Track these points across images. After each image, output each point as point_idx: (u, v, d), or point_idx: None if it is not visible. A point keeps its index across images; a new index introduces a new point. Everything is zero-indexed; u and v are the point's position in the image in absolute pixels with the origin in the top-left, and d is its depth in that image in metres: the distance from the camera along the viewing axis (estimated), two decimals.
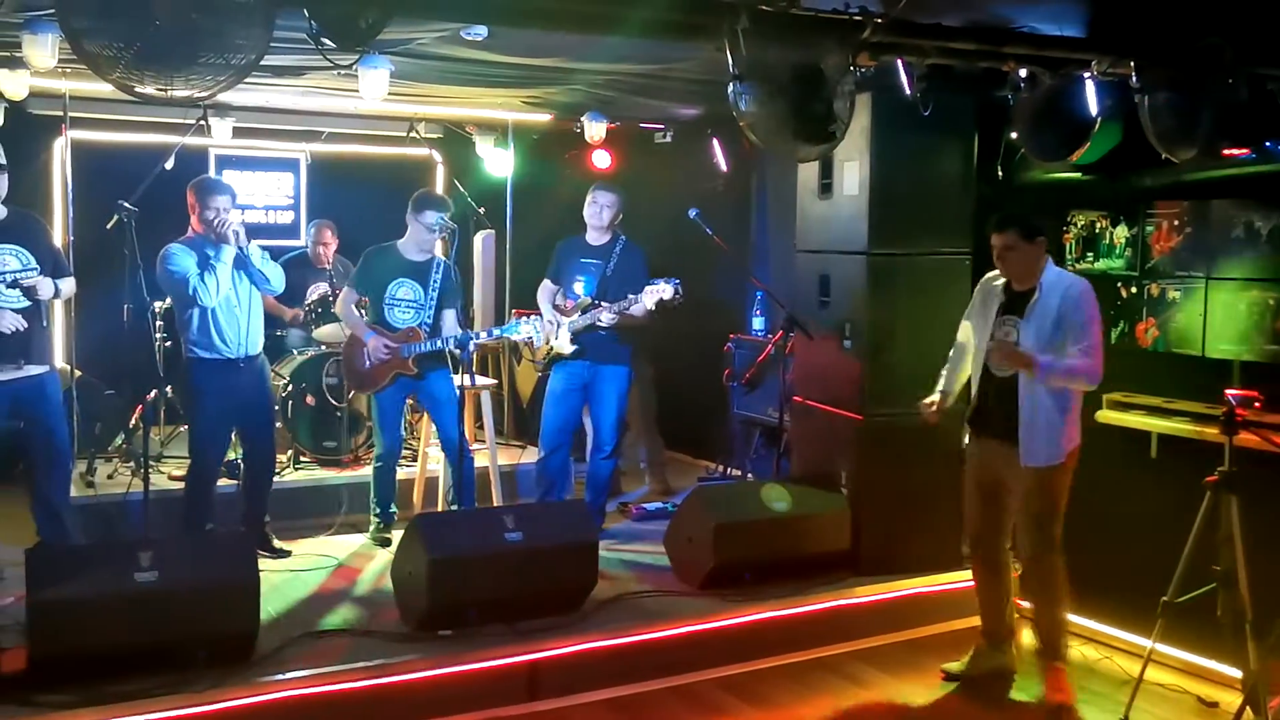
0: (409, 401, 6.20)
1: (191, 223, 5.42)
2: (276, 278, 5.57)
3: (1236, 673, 4.43)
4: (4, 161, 4.89)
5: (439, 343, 5.74)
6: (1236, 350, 4.82)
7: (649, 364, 7.36)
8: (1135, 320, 5.32)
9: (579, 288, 6.08)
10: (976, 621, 5.05)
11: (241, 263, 5.40)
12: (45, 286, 4.99)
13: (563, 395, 6.10)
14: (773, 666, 4.92)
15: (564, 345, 5.99)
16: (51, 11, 4.23)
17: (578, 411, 6.17)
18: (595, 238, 6.10)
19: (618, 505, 6.82)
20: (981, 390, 4.71)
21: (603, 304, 5.87)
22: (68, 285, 5.23)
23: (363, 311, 5.93)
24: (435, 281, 5.84)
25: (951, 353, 4.93)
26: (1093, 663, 4.98)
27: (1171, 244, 5.19)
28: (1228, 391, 4.15)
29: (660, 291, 5.74)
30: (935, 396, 4.88)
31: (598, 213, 6.02)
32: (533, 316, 5.99)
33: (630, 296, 5.81)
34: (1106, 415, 5.10)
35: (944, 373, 4.92)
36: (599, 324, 5.88)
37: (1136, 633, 4.75)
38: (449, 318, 5.86)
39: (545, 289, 6.22)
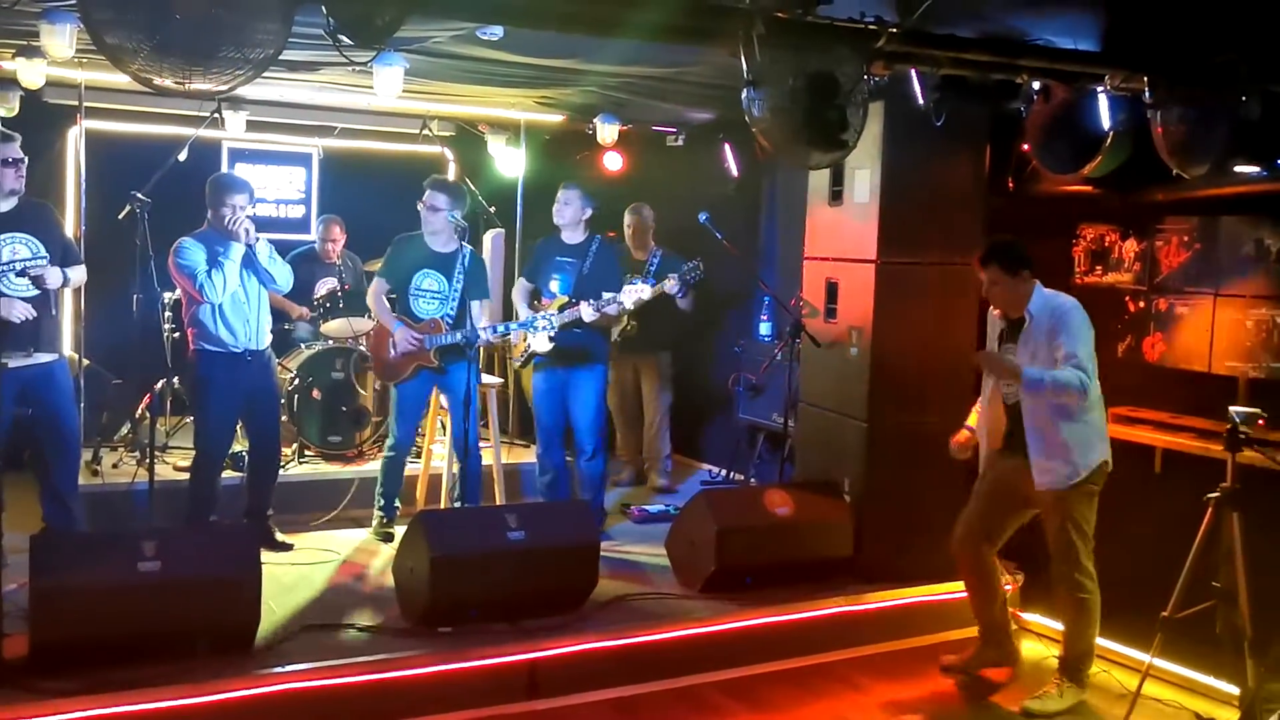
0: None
1: (208, 216, 5.44)
2: (283, 277, 5.58)
3: (1234, 689, 4.43)
4: (23, 156, 4.93)
5: (458, 336, 5.74)
6: (1242, 367, 4.82)
7: (672, 360, 7.39)
8: (1142, 335, 5.33)
9: (555, 286, 6.08)
10: (977, 630, 5.07)
11: (249, 260, 5.42)
12: (53, 276, 5.00)
13: (546, 393, 6.14)
14: (773, 671, 4.92)
15: (541, 343, 5.98)
16: (71, 2, 4.26)
17: (563, 408, 6.17)
18: (570, 236, 6.11)
19: (618, 506, 6.83)
20: (1006, 417, 4.72)
21: (582, 302, 5.85)
22: (77, 274, 5.24)
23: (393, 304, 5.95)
24: (460, 273, 5.83)
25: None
26: (1090, 676, 4.97)
27: (1180, 259, 5.20)
28: (1232, 408, 4.15)
29: (639, 291, 5.77)
30: (964, 433, 4.90)
31: (558, 210, 6.06)
32: (545, 311, 5.99)
33: (608, 295, 5.82)
34: (1111, 429, 5.09)
35: (975, 410, 4.92)
36: (580, 320, 5.85)
37: (1135, 647, 4.76)
38: (474, 310, 5.80)
39: (521, 287, 6.24)
